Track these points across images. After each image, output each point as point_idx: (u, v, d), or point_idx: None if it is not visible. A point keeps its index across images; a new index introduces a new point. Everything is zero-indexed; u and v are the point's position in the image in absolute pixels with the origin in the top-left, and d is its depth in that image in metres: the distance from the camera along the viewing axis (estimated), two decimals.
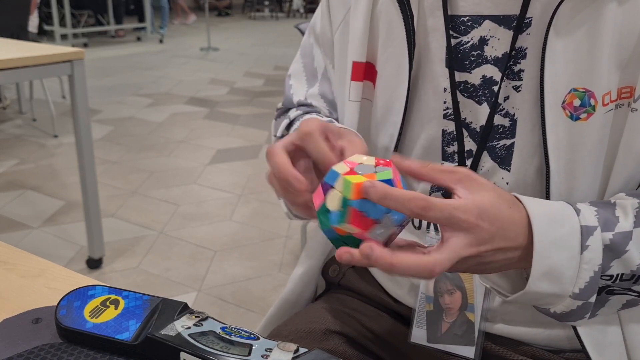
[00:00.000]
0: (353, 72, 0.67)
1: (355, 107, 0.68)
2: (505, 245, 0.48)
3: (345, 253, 0.46)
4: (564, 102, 0.56)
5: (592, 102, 0.56)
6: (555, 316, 0.54)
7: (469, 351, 0.66)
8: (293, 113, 0.77)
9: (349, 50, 0.68)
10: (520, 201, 0.51)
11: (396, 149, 0.66)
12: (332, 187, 0.48)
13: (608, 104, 0.56)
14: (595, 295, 0.52)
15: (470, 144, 0.63)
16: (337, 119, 0.75)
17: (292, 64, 0.83)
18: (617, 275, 0.53)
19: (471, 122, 0.63)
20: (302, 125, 0.56)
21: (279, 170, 0.53)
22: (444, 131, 0.65)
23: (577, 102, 0.56)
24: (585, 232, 0.51)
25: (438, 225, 0.56)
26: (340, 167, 0.49)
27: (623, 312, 0.61)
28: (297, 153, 0.56)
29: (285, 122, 0.76)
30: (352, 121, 0.69)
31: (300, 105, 0.79)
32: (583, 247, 0.51)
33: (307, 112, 0.77)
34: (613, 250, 0.52)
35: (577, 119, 0.56)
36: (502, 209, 0.49)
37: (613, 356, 0.60)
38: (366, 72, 0.68)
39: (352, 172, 0.48)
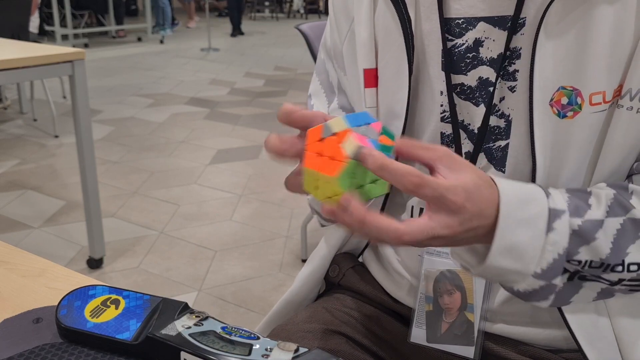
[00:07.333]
0: (365, 79, 0.68)
1: (373, 113, 0.69)
2: (480, 224, 0.49)
3: (329, 209, 0.47)
4: (552, 99, 0.57)
5: (579, 100, 0.56)
6: (519, 295, 0.55)
7: (469, 351, 0.66)
8: None
9: (358, 58, 0.68)
10: (494, 182, 0.52)
11: None
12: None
13: (600, 103, 0.56)
14: (559, 278, 0.52)
15: (468, 146, 0.63)
16: None
17: (310, 84, 0.84)
18: (586, 261, 0.53)
19: (469, 124, 0.63)
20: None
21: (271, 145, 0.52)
22: (442, 134, 0.65)
23: (564, 100, 0.57)
24: (553, 215, 0.51)
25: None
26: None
27: (611, 307, 0.61)
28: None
29: None
30: None
31: None
32: (549, 229, 0.51)
33: None
34: (581, 237, 0.52)
35: (564, 116, 0.57)
36: (483, 189, 0.49)
37: (608, 353, 0.60)
38: (377, 77, 0.68)
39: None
